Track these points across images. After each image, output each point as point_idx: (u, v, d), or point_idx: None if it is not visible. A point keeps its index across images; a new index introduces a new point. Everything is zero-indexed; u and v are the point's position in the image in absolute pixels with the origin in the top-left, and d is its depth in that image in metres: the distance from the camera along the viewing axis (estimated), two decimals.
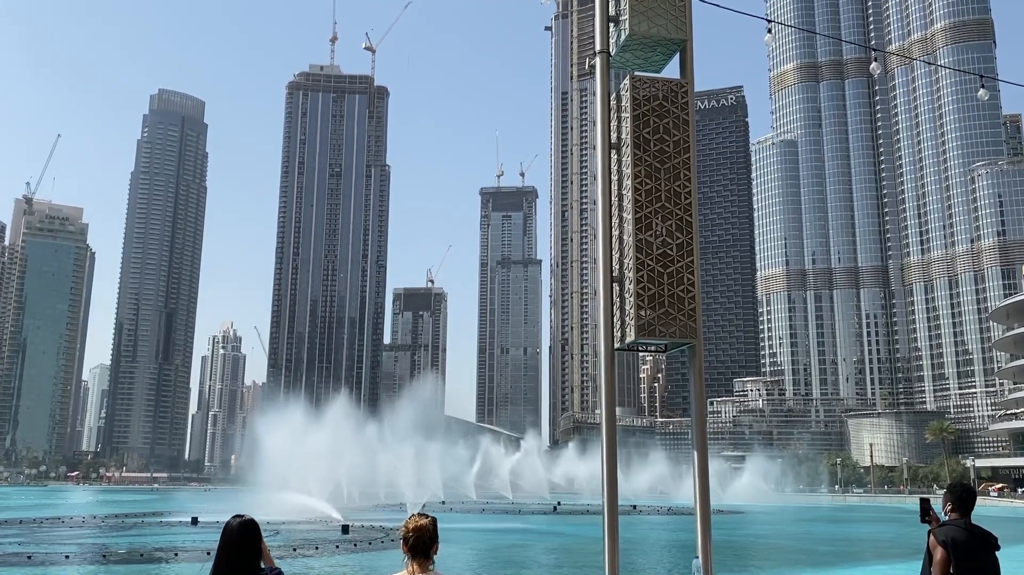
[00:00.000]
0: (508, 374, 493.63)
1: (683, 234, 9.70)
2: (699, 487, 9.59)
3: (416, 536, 5.98)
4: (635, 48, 10.38)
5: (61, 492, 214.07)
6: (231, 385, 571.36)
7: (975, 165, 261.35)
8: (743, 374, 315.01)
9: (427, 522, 6.07)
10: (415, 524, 6.04)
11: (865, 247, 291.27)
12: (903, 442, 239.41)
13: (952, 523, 7.82)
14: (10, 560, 39.13)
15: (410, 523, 6.07)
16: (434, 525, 6.10)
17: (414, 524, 6.04)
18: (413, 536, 5.98)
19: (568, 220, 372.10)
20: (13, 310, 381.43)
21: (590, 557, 42.52)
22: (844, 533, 72.55)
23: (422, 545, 5.97)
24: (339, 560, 41.76)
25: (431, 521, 6.11)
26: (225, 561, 6.03)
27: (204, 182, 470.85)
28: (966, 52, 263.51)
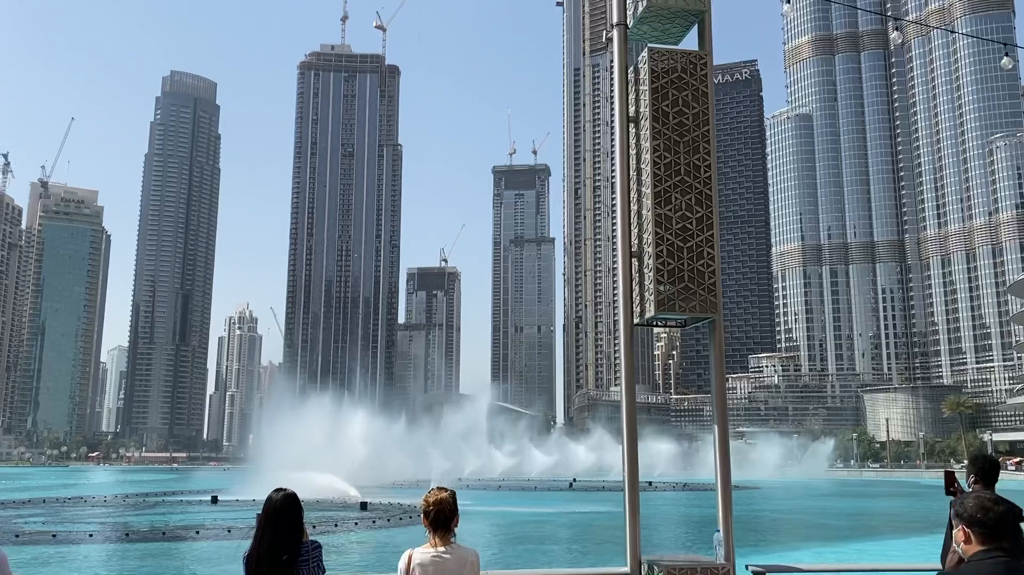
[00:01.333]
0: (522, 352, 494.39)
1: (703, 208, 9.64)
2: (719, 461, 9.59)
3: (437, 510, 6.04)
4: (653, 20, 10.27)
5: (82, 472, 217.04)
6: (248, 365, 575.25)
7: (993, 137, 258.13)
8: (758, 350, 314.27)
9: (447, 495, 6.13)
10: (435, 498, 6.09)
11: (881, 221, 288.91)
12: (919, 417, 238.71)
13: (976, 494, 7.79)
14: (35, 538, 39.75)
15: (430, 497, 6.12)
16: (454, 498, 6.16)
17: (434, 498, 6.09)
18: (434, 510, 6.05)
19: (581, 198, 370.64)
20: (31, 293, 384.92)
21: (607, 532, 42.75)
22: (860, 508, 72.59)
23: (443, 518, 6.03)
24: (359, 537, 42.18)
25: (451, 494, 6.16)
26: (268, 534, 5.96)
27: (217, 163, 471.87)
28: (985, 22, 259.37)
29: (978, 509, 4.69)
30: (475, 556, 6.11)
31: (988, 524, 4.65)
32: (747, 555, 11.15)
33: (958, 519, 4.86)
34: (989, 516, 4.68)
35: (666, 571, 8.74)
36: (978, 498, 4.84)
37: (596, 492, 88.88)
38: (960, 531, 4.83)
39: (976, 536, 4.67)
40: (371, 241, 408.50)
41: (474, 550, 6.14)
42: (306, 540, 6.11)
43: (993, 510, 4.67)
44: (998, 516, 4.70)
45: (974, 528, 4.69)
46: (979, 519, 4.67)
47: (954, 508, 4.81)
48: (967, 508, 4.75)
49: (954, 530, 4.48)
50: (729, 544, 9.11)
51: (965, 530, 4.74)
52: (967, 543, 4.76)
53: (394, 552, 7.01)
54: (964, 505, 4.82)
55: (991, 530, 4.67)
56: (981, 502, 4.76)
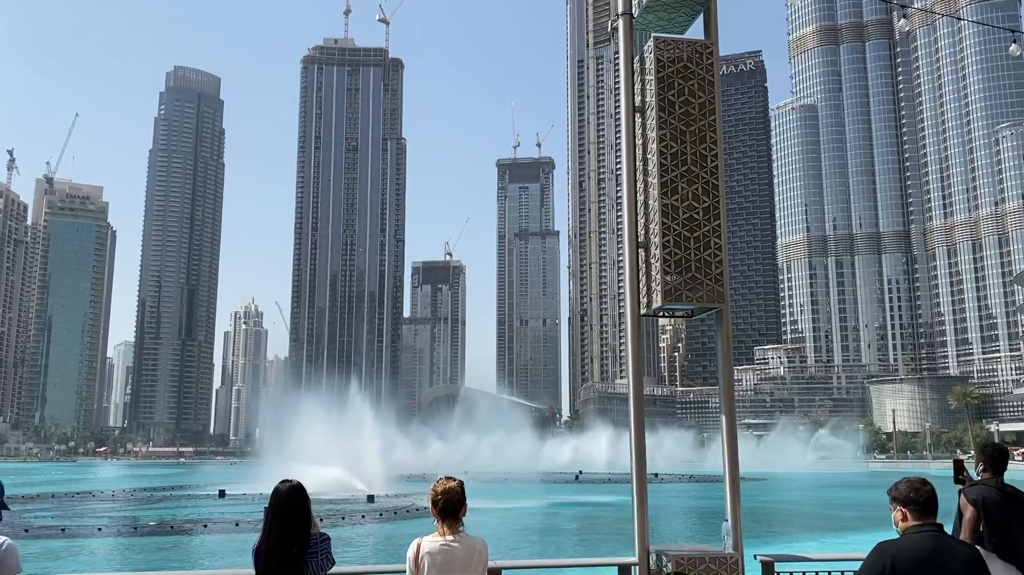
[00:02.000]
0: (527, 345, 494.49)
1: (709, 198, 9.61)
2: (727, 452, 9.58)
3: (445, 499, 6.11)
4: (658, 9, 10.23)
5: (90, 467, 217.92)
6: (254, 360, 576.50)
7: (999, 126, 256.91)
8: (764, 342, 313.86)
9: (455, 485, 6.18)
10: (443, 487, 6.16)
11: (887, 212, 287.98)
12: (926, 408, 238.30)
13: (984, 482, 7.78)
14: (45, 532, 39.96)
15: (438, 487, 6.18)
16: (462, 488, 6.21)
17: (442, 487, 6.16)
18: (442, 499, 6.11)
19: (586, 190, 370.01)
20: (37, 289, 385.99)
21: (614, 524, 42.81)
22: (867, 499, 72.53)
23: (451, 507, 6.10)
24: (366, 530, 42.30)
25: (458, 484, 6.21)
26: (276, 526, 5.93)
27: (222, 158, 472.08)
28: (991, 11, 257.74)
29: (911, 490, 5.54)
30: (483, 544, 6.18)
31: (921, 502, 5.51)
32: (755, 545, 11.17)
33: (894, 502, 5.63)
34: (921, 495, 5.53)
35: (674, 561, 8.74)
36: (909, 481, 5.61)
37: (602, 484, 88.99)
38: (897, 511, 5.61)
39: (911, 514, 5.49)
40: (375, 235, 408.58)
41: (482, 539, 6.19)
42: (315, 532, 6.09)
43: (923, 490, 5.54)
44: (928, 495, 5.53)
45: (909, 507, 5.53)
46: (913, 498, 5.51)
47: (890, 492, 5.77)
48: (902, 491, 5.59)
49: (892, 511, 5.67)
50: (737, 534, 9.10)
51: (901, 509, 5.58)
52: (904, 520, 5.55)
53: (401, 544, 7.06)
54: (899, 488, 5.63)
55: (923, 507, 5.49)
56: (912, 484, 5.58)
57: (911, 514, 5.49)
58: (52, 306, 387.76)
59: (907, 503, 5.50)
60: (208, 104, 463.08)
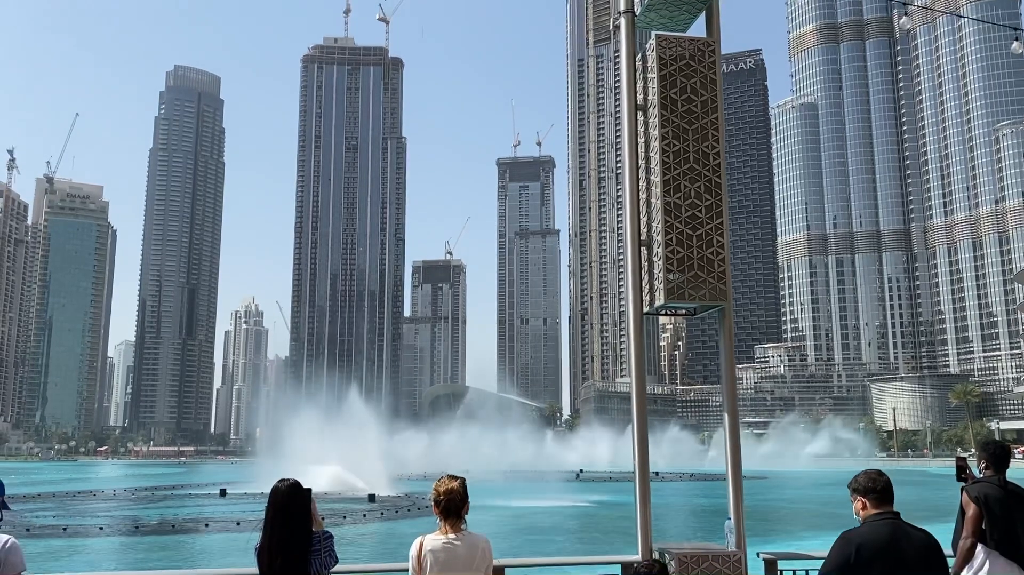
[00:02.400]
0: (528, 344, 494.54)
1: (712, 196, 9.61)
2: (730, 450, 9.59)
3: (447, 499, 6.19)
4: (660, 7, 10.22)
5: (91, 466, 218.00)
6: (254, 359, 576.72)
7: (1000, 125, 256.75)
8: (764, 340, 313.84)
9: (456, 484, 6.25)
10: (445, 487, 6.23)
11: (887, 210, 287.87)
12: (926, 406, 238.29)
13: (986, 480, 7.80)
14: (46, 532, 39.97)
15: (440, 486, 6.27)
16: (463, 486, 6.28)
17: (444, 487, 6.23)
18: (444, 499, 6.20)
19: (586, 189, 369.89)
20: (38, 289, 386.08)
21: (615, 522, 42.82)
22: None
23: (453, 506, 6.18)
24: (368, 529, 42.33)
25: (460, 483, 6.28)
26: (275, 525, 5.93)
27: (222, 158, 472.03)
28: (991, 9, 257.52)
29: (869, 481, 5.92)
30: (486, 542, 6.25)
31: (878, 491, 5.88)
32: (758, 543, 11.16)
33: (854, 493, 5.99)
34: (878, 485, 5.90)
35: (677, 559, 8.75)
36: (867, 473, 5.99)
37: (603, 483, 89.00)
38: (857, 502, 5.97)
39: (870, 503, 5.85)
40: (376, 234, 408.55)
41: (484, 537, 6.26)
42: (318, 530, 6.10)
43: (879, 481, 5.92)
44: (884, 485, 5.89)
45: (868, 496, 5.89)
46: (871, 488, 5.88)
47: (851, 485, 6.12)
48: (861, 482, 5.96)
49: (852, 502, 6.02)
50: (740, 532, 9.11)
51: (861, 499, 5.94)
52: (864, 510, 5.90)
53: (403, 543, 7.10)
54: (858, 480, 5.99)
55: (880, 496, 5.85)
56: (870, 475, 5.96)
57: (870, 503, 5.83)
58: (52, 306, 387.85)
59: (866, 493, 5.85)
60: (208, 103, 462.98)
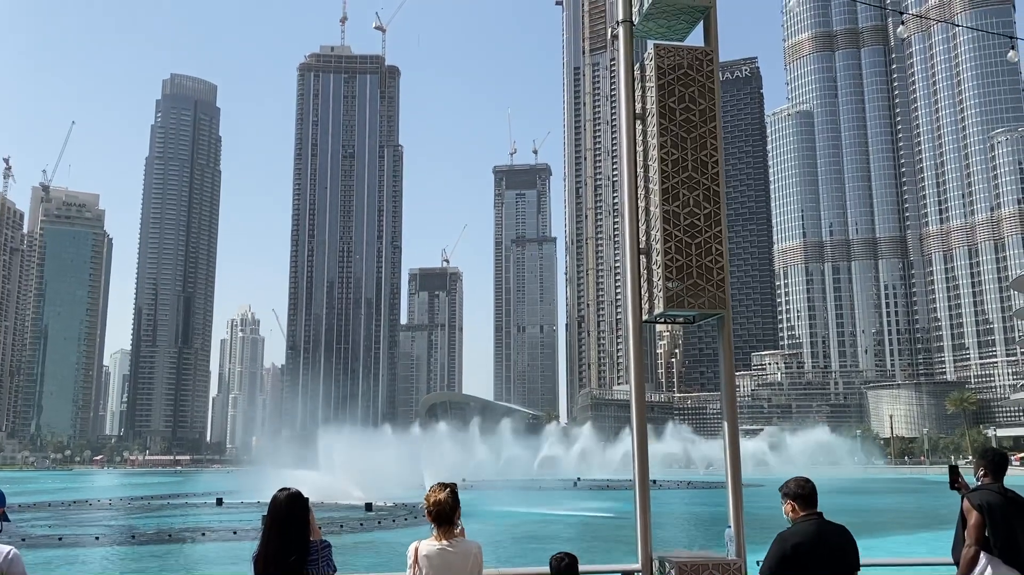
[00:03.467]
0: (525, 352, 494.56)
1: (710, 204, 9.63)
2: (730, 458, 9.58)
3: (437, 510, 6.47)
4: (658, 16, 10.26)
5: (86, 476, 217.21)
6: (250, 367, 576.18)
7: (994, 132, 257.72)
8: (761, 348, 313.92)
9: (445, 494, 6.51)
10: (435, 498, 6.51)
11: (883, 217, 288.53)
12: (923, 413, 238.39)
13: (986, 487, 7.81)
14: (42, 542, 39.79)
15: (431, 496, 6.54)
16: (453, 494, 6.56)
17: (434, 498, 6.51)
18: (435, 509, 6.47)
19: (582, 197, 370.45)
20: (33, 297, 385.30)
21: (613, 530, 42.75)
22: (865, 504, 72.52)
23: (444, 515, 6.46)
24: (364, 537, 42.20)
25: (449, 492, 6.55)
26: (274, 535, 5.98)
27: (218, 166, 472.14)
28: (985, 16, 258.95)
29: (798, 487, 6.62)
30: (478, 548, 6.55)
31: (804, 496, 6.57)
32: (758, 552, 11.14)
33: (785, 497, 6.66)
34: (805, 490, 6.59)
35: (677, 568, 8.73)
36: (796, 480, 6.68)
37: (601, 490, 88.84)
38: (787, 504, 6.64)
39: (799, 506, 6.53)
40: (372, 242, 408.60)
41: (477, 543, 6.55)
42: (316, 539, 6.14)
43: (806, 487, 6.61)
44: (810, 490, 6.59)
45: (797, 501, 6.56)
46: (799, 493, 6.57)
47: (781, 490, 6.80)
48: (791, 488, 6.65)
49: (783, 505, 6.69)
50: (740, 540, 9.09)
51: (791, 503, 6.62)
52: (793, 512, 6.59)
53: (399, 552, 7.18)
54: (788, 486, 6.69)
55: (806, 500, 6.54)
56: (799, 482, 6.65)
57: (798, 506, 6.54)
58: (48, 314, 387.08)
59: (795, 498, 6.56)
60: (205, 112, 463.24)
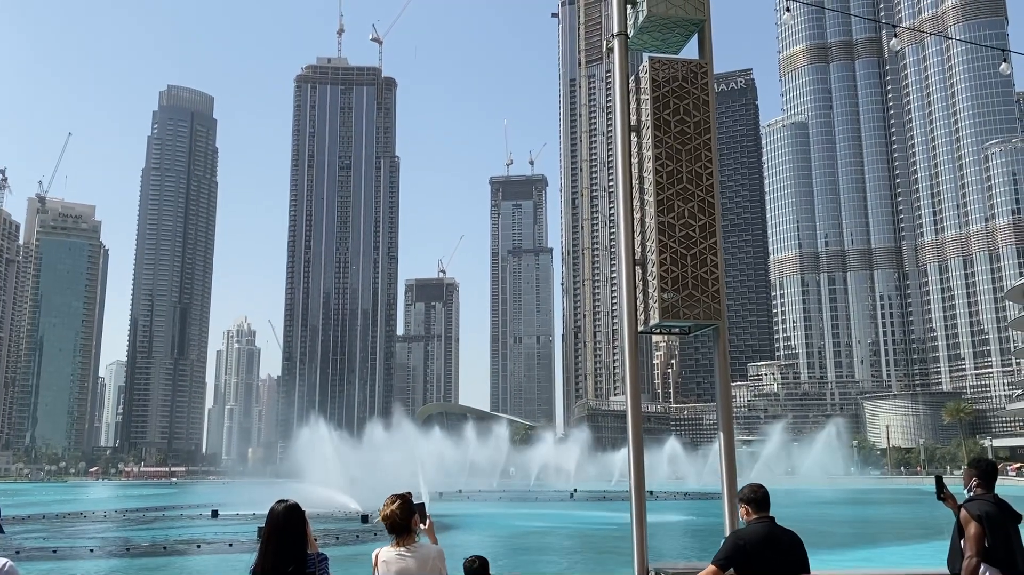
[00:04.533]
0: (521, 363, 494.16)
1: (705, 215, 9.70)
2: (726, 468, 9.62)
3: (389, 523, 6.73)
4: (653, 30, 10.35)
5: (81, 487, 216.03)
6: (246, 379, 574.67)
7: (989, 143, 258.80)
8: (757, 358, 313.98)
9: (395, 507, 6.71)
10: (384, 513, 6.75)
11: (878, 228, 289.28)
12: (919, 423, 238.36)
13: (982, 498, 7.85)
14: (36, 554, 39.59)
15: (383, 511, 6.78)
16: (403, 506, 6.71)
17: (384, 512, 6.76)
18: (387, 523, 6.76)
19: (579, 208, 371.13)
20: (29, 308, 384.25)
21: (610, 542, 42.65)
22: (862, 515, 72.49)
23: (398, 526, 6.70)
24: (360, 549, 42.02)
25: (399, 504, 6.71)
26: (271, 546, 6.00)
27: (215, 177, 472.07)
28: (978, 29, 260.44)
29: (751, 492, 7.16)
30: (437, 553, 6.74)
31: (757, 500, 7.10)
32: None
33: (740, 502, 7.19)
34: (757, 495, 7.13)
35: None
36: (750, 486, 7.22)
37: (598, 502, 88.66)
38: (742, 508, 7.16)
39: (752, 510, 7.07)
40: (369, 253, 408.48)
41: (437, 548, 6.77)
42: (313, 552, 6.18)
43: (759, 492, 7.16)
44: (762, 495, 7.13)
45: (750, 504, 7.10)
46: (752, 498, 7.12)
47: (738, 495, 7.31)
48: (745, 493, 7.18)
49: (739, 509, 7.20)
50: None
51: (745, 507, 7.14)
52: (747, 515, 7.11)
53: None
54: (743, 491, 7.22)
55: (759, 504, 7.07)
56: (752, 487, 7.20)
57: (751, 510, 7.09)
58: (44, 325, 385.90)
59: (749, 502, 7.12)
60: (201, 123, 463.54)
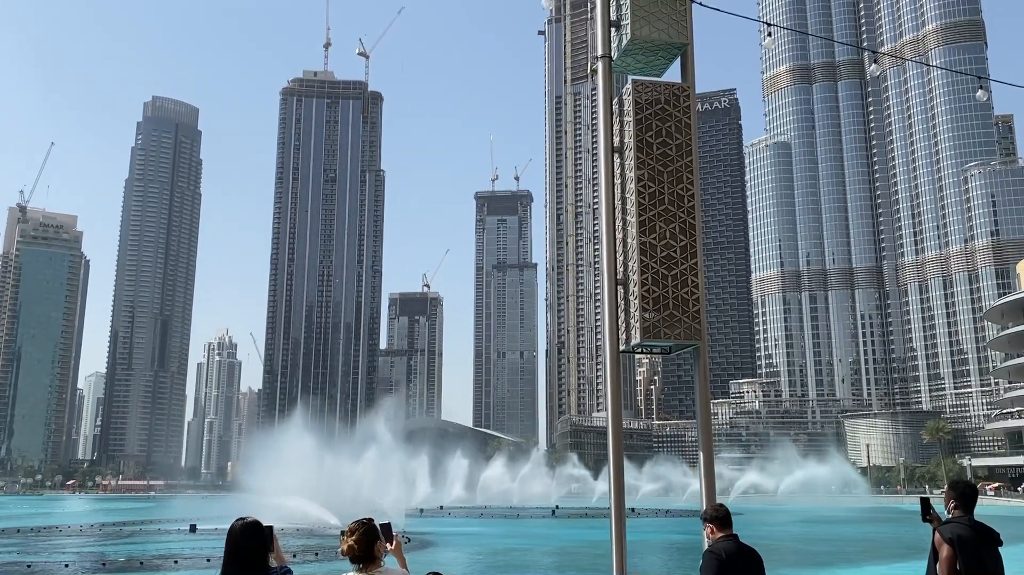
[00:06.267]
0: (504, 378, 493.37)
1: (686, 236, 9.80)
2: (705, 486, 9.68)
3: (351, 555, 6.41)
4: (636, 52, 10.48)
5: (57, 501, 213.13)
6: (227, 392, 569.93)
7: (968, 165, 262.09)
8: (739, 376, 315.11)
9: (352, 542, 6.36)
10: (343, 549, 6.43)
11: (859, 248, 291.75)
12: (899, 442, 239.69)
13: (957, 520, 7.90)
14: (10, 570, 39.03)
15: (342, 545, 6.46)
16: (361, 539, 6.37)
17: (344, 546, 6.42)
18: (349, 555, 6.44)
19: (563, 224, 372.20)
20: (7, 319, 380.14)
21: (591, 559, 42.55)
22: (842, 533, 72.70)
23: (360, 556, 6.36)
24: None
25: (357, 537, 6.37)
26: (230, 563, 6.14)
27: (199, 189, 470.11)
28: (958, 53, 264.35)
29: (715, 511, 7.61)
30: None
31: (720, 518, 7.51)
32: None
33: (705, 521, 7.65)
34: (720, 513, 7.54)
35: None
36: (712, 505, 7.72)
37: (580, 519, 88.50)
38: (708, 527, 7.58)
39: (717, 527, 7.47)
40: (353, 266, 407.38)
41: (404, 572, 6.58)
42: (279, 565, 6.39)
43: (721, 510, 7.60)
44: (725, 512, 7.57)
45: (715, 523, 7.50)
46: (716, 516, 7.54)
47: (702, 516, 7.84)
48: (709, 513, 7.67)
49: (704, 528, 7.67)
50: None
51: (710, 525, 7.55)
52: (713, 534, 7.50)
53: None
54: (707, 511, 7.72)
55: (722, 522, 7.49)
56: (715, 506, 7.67)
57: (716, 528, 7.49)
58: (22, 336, 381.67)
59: (714, 520, 7.53)
60: (186, 135, 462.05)
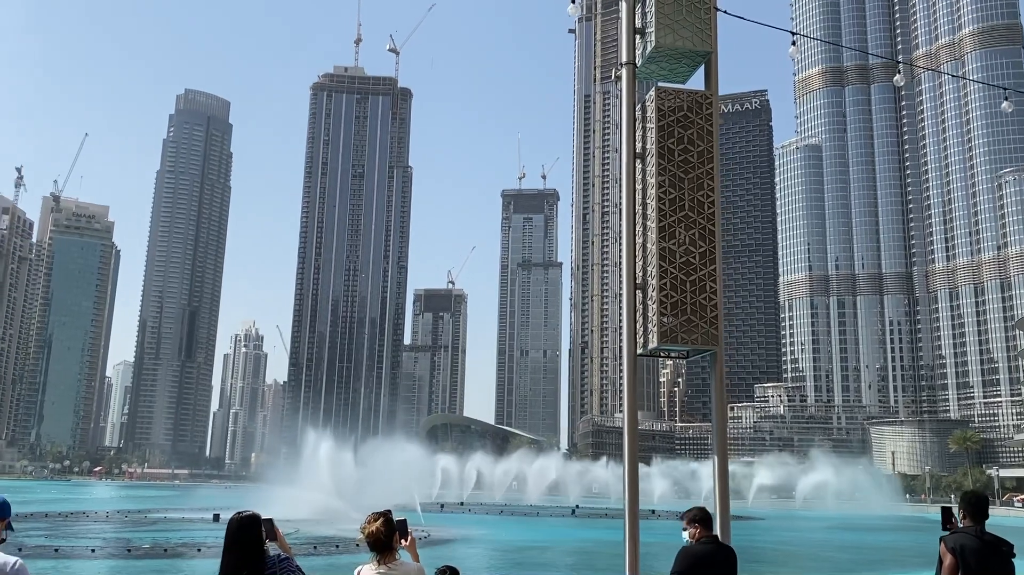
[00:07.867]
0: (527, 376, 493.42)
1: (706, 243, 9.91)
2: (719, 491, 9.78)
3: (372, 541, 6.78)
4: (660, 60, 10.59)
5: (84, 487, 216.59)
6: (252, 383, 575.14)
7: (1002, 172, 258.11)
8: (764, 380, 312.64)
9: (376, 526, 6.76)
10: (367, 531, 6.80)
11: (889, 253, 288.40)
12: (926, 451, 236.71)
13: (963, 530, 7.94)
14: (38, 552, 39.82)
15: (365, 528, 6.83)
16: (386, 524, 6.78)
17: (367, 530, 6.80)
18: (370, 540, 6.79)
19: (589, 223, 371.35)
20: (39, 307, 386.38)
21: (609, 560, 42.59)
22: (864, 541, 72.06)
23: (379, 545, 6.75)
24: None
25: (381, 522, 6.79)
26: (227, 555, 6.41)
27: (228, 182, 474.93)
28: (994, 57, 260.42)
29: (698, 512, 8.14)
30: (418, 571, 6.87)
31: (703, 520, 8.05)
32: None
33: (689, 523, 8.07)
34: (703, 515, 8.10)
35: None
36: (696, 508, 8.21)
37: (600, 518, 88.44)
38: (693, 528, 8.02)
39: (700, 529, 8.00)
40: (379, 262, 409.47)
41: (418, 565, 6.89)
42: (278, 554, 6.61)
43: (703, 513, 8.15)
44: (708, 515, 8.17)
45: (699, 525, 8.02)
46: (699, 518, 8.08)
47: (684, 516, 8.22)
48: (695, 515, 8.13)
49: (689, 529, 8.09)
50: None
51: (695, 527, 8.01)
52: (694, 536, 7.99)
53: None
54: (692, 512, 8.18)
55: (705, 523, 8.05)
56: (700, 509, 8.18)
57: (699, 530, 8.03)
58: (53, 324, 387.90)
59: (696, 523, 8.06)
60: (217, 128, 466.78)
